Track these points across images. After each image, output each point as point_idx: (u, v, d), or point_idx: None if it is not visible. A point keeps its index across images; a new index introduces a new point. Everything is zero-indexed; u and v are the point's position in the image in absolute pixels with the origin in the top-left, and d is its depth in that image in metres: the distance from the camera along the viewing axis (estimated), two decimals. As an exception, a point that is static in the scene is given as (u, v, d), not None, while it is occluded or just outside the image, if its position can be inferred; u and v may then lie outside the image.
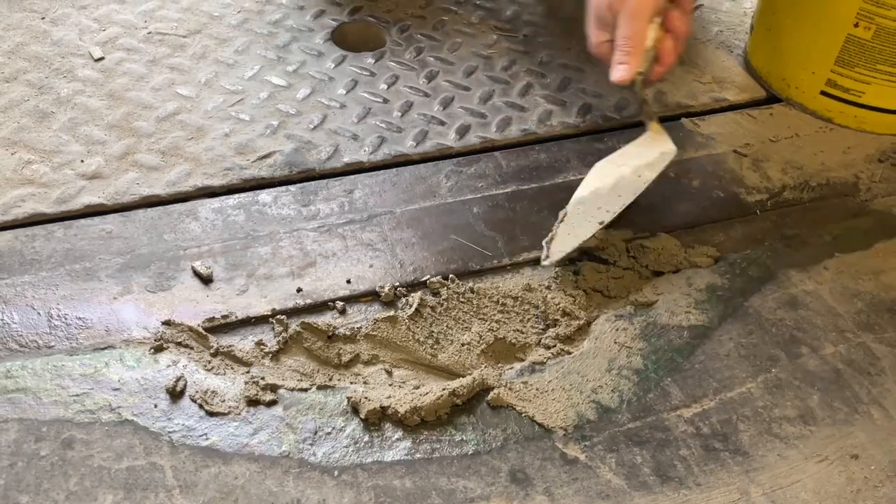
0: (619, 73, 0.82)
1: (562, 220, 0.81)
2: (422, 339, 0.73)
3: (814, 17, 0.94)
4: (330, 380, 0.70)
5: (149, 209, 0.83)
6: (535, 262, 0.80)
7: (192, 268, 0.77)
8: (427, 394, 0.68)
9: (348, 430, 0.66)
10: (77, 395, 0.67)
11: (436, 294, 0.76)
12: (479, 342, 0.73)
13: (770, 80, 1.02)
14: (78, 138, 0.90)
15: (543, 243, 0.80)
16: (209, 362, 0.70)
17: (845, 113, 0.97)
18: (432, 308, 0.75)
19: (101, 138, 0.90)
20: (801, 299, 0.78)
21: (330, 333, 0.73)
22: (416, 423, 0.67)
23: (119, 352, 0.70)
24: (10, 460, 0.63)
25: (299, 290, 0.76)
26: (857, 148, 0.95)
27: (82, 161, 0.87)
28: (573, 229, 0.80)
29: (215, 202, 0.84)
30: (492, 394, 0.69)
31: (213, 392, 0.68)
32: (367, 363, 0.72)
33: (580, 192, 0.83)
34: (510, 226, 0.83)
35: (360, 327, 0.73)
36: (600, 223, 0.79)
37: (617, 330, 0.74)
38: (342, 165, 0.90)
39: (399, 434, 0.66)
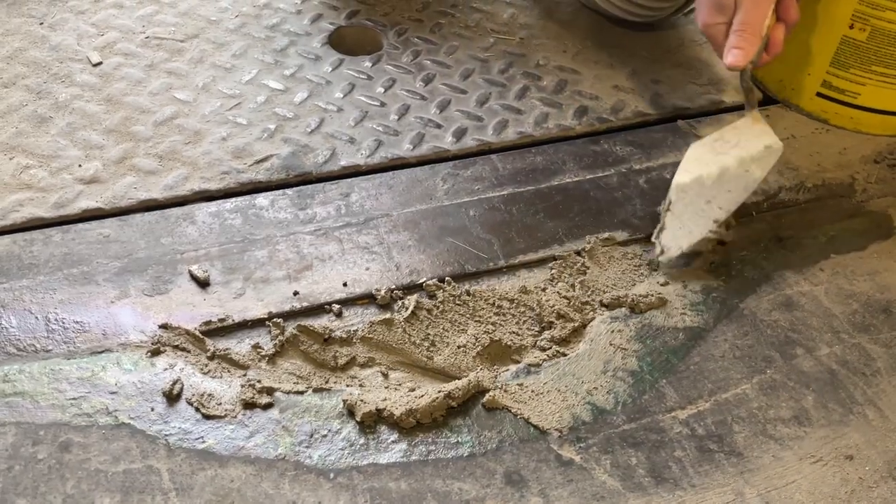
0: (734, 57, 0.80)
1: (667, 209, 0.80)
2: (418, 341, 0.73)
3: (809, 19, 0.94)
4: (326, 382, 0.70)
5: (146, 213, 0.83)
6: (531, 264, 0.80)
7: (189, 271, 0.77)
8: (422, 396, 0.68)
9: (344, 433, 0.67)
10: (74, 399, 0.67)
11: (432, 297, 0.77)
12: (474, 344, 0.73)
13: (766, 81, 1.02)
14: (76, 143, 0.90)
15: (654, 239, 0.79)
16: (206, 365, 0.70)
17: (841, 114, 0.97)
18: (428, 311, 0.75)
19: (98, 143, 0.90)
20: (797, 300, 0.78)
21: (326, 336, 0.73)
22: (412, 425, 0.67)
23: (116, 355, 0.71)
24: (7, 464, 0.63)
25: (296, 293, 0.76)
26: (853, 149, 0.95)
27: (80, 165, 0.88)
28: (683, 221, 0.78)
29: (212, 206, 0.85)
30: (487, 396, 0.69)
31: (209, 395, 0.68)
32: (364, 366, 0.72)
33: (681, 178, 0.80)
34: (506, 228, 0.84)
35: (357, 330, 0.74)
36: (715, 221, 0.78)
37: (612, 332, 0.75)
38: (339, 169, 0.90)
39: (395, 436, 0.67)
